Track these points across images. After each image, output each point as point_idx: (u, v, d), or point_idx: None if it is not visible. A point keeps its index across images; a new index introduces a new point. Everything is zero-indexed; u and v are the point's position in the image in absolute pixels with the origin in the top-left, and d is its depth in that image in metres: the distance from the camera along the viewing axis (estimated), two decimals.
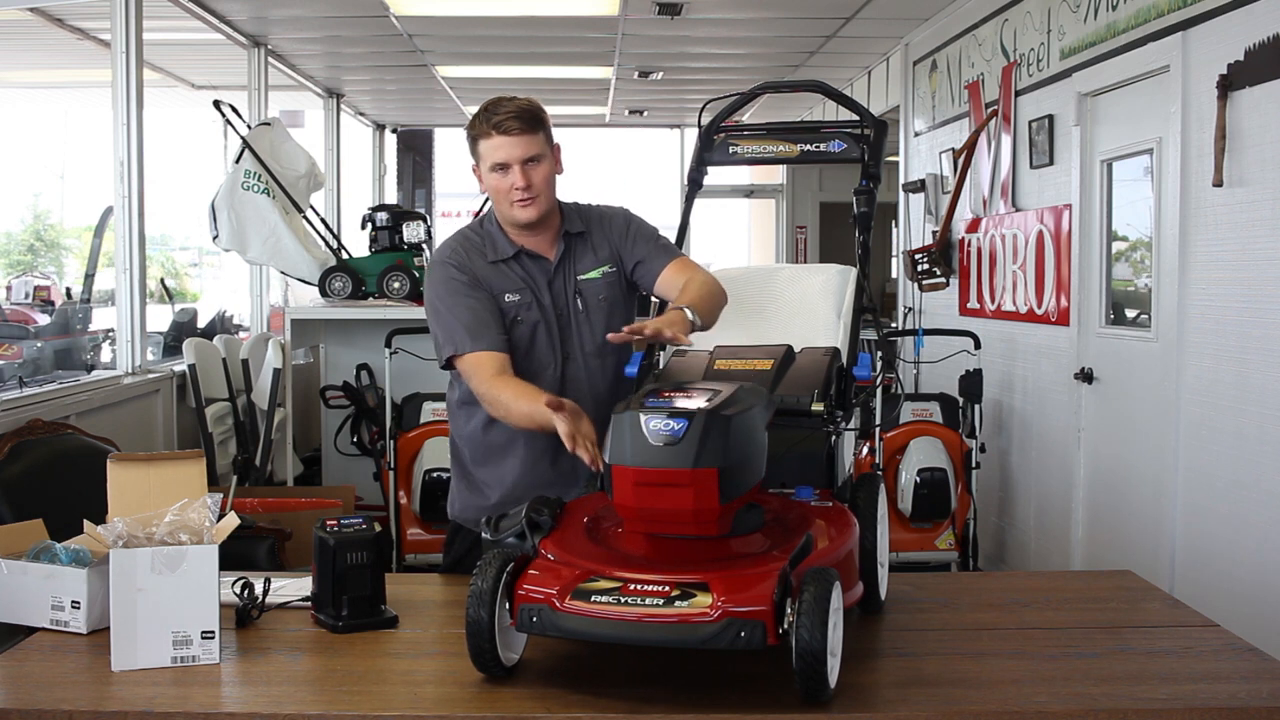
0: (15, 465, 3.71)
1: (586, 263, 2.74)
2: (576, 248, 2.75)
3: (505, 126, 2.60)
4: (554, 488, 2.56)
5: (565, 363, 2.70)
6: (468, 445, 2.82)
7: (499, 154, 2.62)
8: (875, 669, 2.12)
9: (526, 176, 2.62)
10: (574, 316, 2.71)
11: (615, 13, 6.92)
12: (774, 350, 2.44)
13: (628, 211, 2.85)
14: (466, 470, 2.84)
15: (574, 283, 2.73)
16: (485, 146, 2.63)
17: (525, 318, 2.68)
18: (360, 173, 11.31)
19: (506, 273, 2.70)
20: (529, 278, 2.71)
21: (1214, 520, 3.99)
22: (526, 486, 2.68)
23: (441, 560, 2.94)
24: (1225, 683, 2.07)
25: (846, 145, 2.68)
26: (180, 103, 10.10)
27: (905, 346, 7.16)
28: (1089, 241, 4.98)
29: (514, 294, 2.68)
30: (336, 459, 6.39)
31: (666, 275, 2.69)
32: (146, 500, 2.33)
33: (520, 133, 2.61)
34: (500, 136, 2.61)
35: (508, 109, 2.62)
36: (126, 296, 5.31)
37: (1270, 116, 3.64)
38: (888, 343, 6.75)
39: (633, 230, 2.78)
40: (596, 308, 2.73)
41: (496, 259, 2.71)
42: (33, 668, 2.16)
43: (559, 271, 2.73)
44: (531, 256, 2.72)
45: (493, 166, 2.64)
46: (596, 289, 2.74)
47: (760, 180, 13.10)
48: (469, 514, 2.81)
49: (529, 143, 2.62)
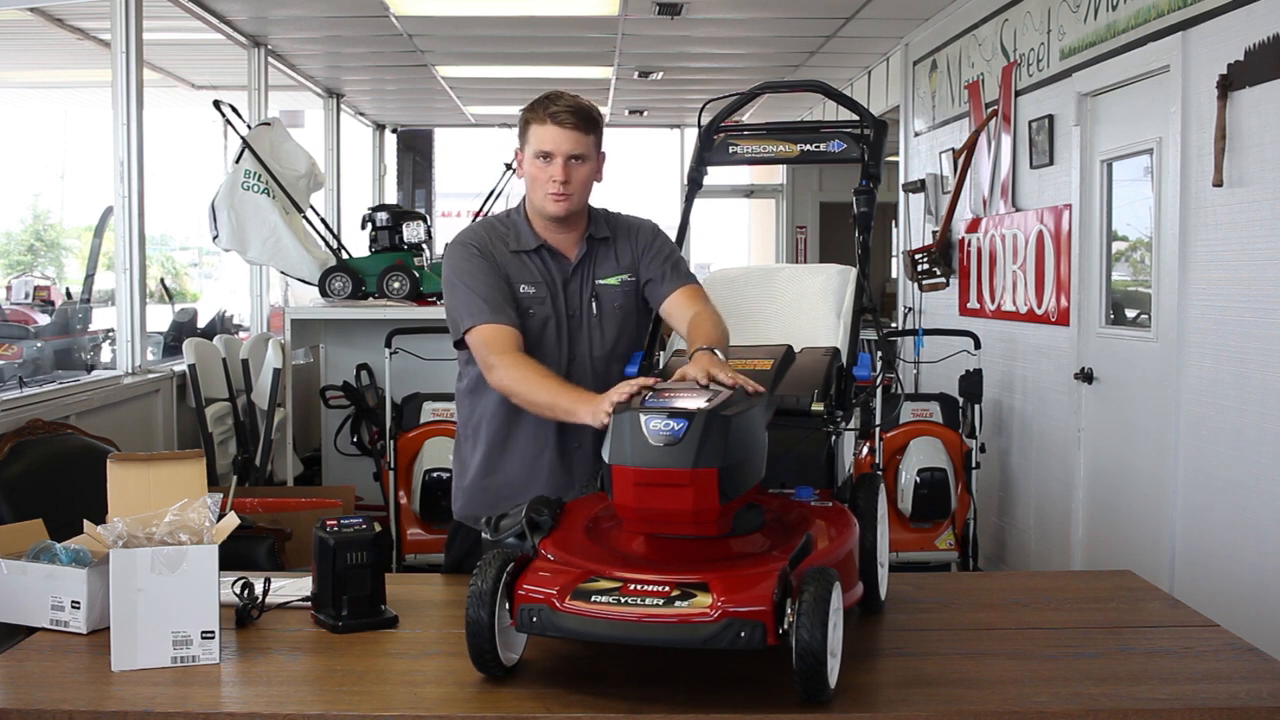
0: (15, 465, 3.71)
1: (607, 268, 2.75)
2: (599, 252, 2.75)
3: (561, 119, 2.62)
4: (557, 476, 2.64)
5: (571, 364, 2.70)
6: (473, 435, 2.79)
7: (546, 143, 2.63)
8: (875, 669, 2.12)
9: (567, 172, 2.63)
10: (586, 319, 2.72)
11: (615, 13, 6.93)
12: (774, 350, 2.44)
13: (655, 226, 2.86)
14: (469, 465, 2.83)
15: (591, 286, 2.73)
16: (536, 132, 2.64)
17: (538, 312, 2.68)
18: (360, 173, 11.31)
19: (526, 264, 2.71)
20: (547, 273, 2.71)
21: (1214, 520, 3.99)
22: (531, 476, 2.69)
23: (443, 560, 2.94)
24: (1225, 683, 2.07)
25: (846, 145, 2.68)
26: (180, 103, 10.10)
27: (905, 346, 7.16)
28: (1089, 241, 4.98)
29: (530, 286, 2.69)
30: (336, 459, 6.39)
31: (676, 300, 2.70)
32: (146, 500, 2.33)
33: (573, 128, 2.63)
34: (554, 126, 2.62)
35: (568, 102, 2.65)
36: (126, 296, 5.32)
37: (1270, 116, 3.64)
38: (888, 343, 6.75)
39: (655, 246, 2.79)
40: (610, 314, 2.73)
41: (519, 249, 2.71)
42: (33, 668, 2.16)
43: (577, 273, 2.73)
44: (552, 253, 2.73)
45: (538, 153, 2.64)
46: (613, 295, 2.74)
47: (760, 180, 13.10)
48: (473, 510, 2.80)
49: (578, 140, 2.63)
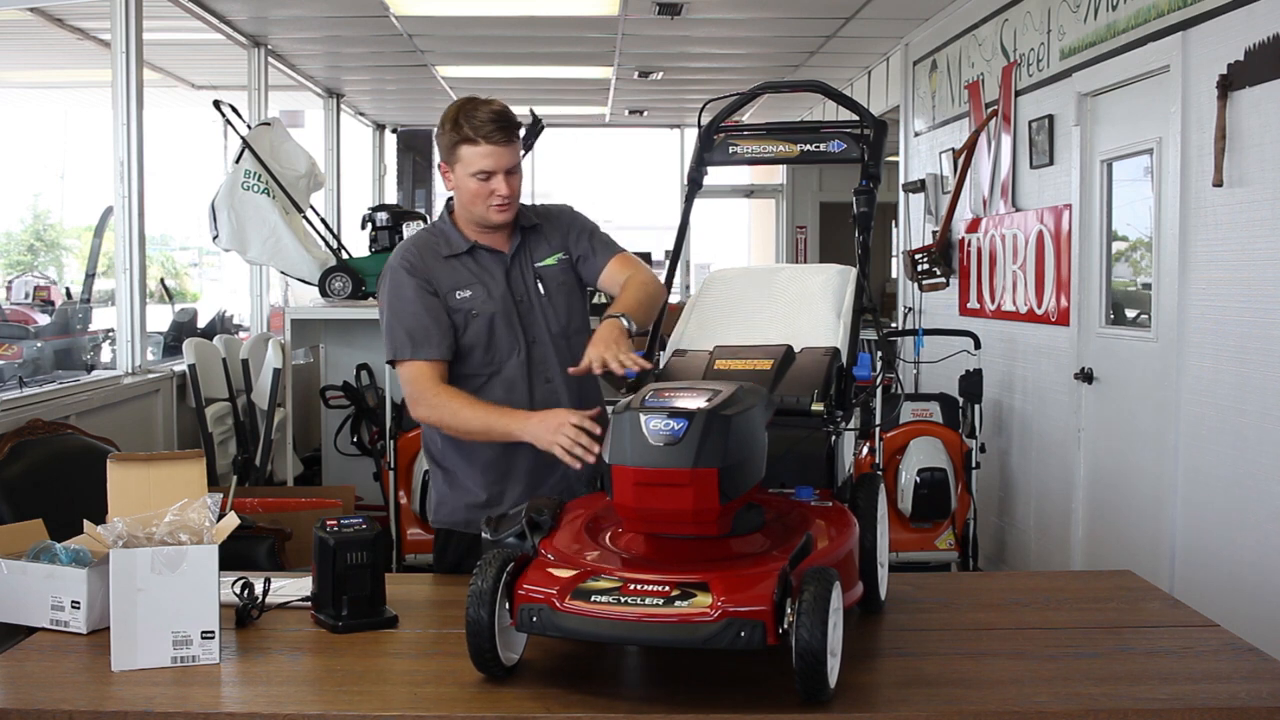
0: (15, 465, 3.71)
1: (542, 252, 2.87)
2: (531, 239, 2.87)
3: (494, 137, 2.68)
4: (535, 473, 2.72)
5: (531, 346, 2.80)
6: (448, 441, 2.83)
7: (485, 162, 2.70)
8: (875, 669, 2.12)
9: (510, 185, 2.73)
10: (537, 301, 2.82)
11: (615, 13, 6.93)
12: (774, 350, 2.44)
13: (570, 208, 2.99)
14: (447, 469, 2.86)
15: (533, 270, 2.84)
16: (469, 153, 2.70)
17: (481, 310, 2.77)
18: (360, 173, 11.31)
19: (459, 268, 2.80)
20: (483, 271, 2.81)
21: (1214, 520, 3.99)
22: (506, 475, 2.76)
23: (435, 568, 2.94)
24: (1225, 683, 2.07)
25: (846, 145, 2.68)
26: (180, 103, 10.11)
27: (905, 346, 7.16)
28: (1089, 241, 4.98)
29: (464, 290, 2.78)
30: (336, 459, 6.39)
31: (609, 271, 2.86)
32: (146, 500, 2.33)
33: (505, 143, 2.70)
34: (487, 145, 2.69)
35: (489, 114, 2.69)
36: (126, 296, 5.32)
37: (1270, 116, 3.64)
38: (888, 343, 6.75)
39: (578, 225, 2.92)
40: (557, 291, 2.85)
41: (451, 254, 2.81)
42: (33, 668, 2.16)
43: (515, 262, 2.84)
44: (486, 250, 2.82)
45: (476, 173, 2.71)
46: (554, 275, 2.86)
47: (760, 180, 13.10)
48: (458, 515, 2.83)
49: (512, 153, 2.73)
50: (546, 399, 2.76)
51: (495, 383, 2.76)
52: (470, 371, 2.77)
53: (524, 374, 2.77)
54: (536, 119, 7.00)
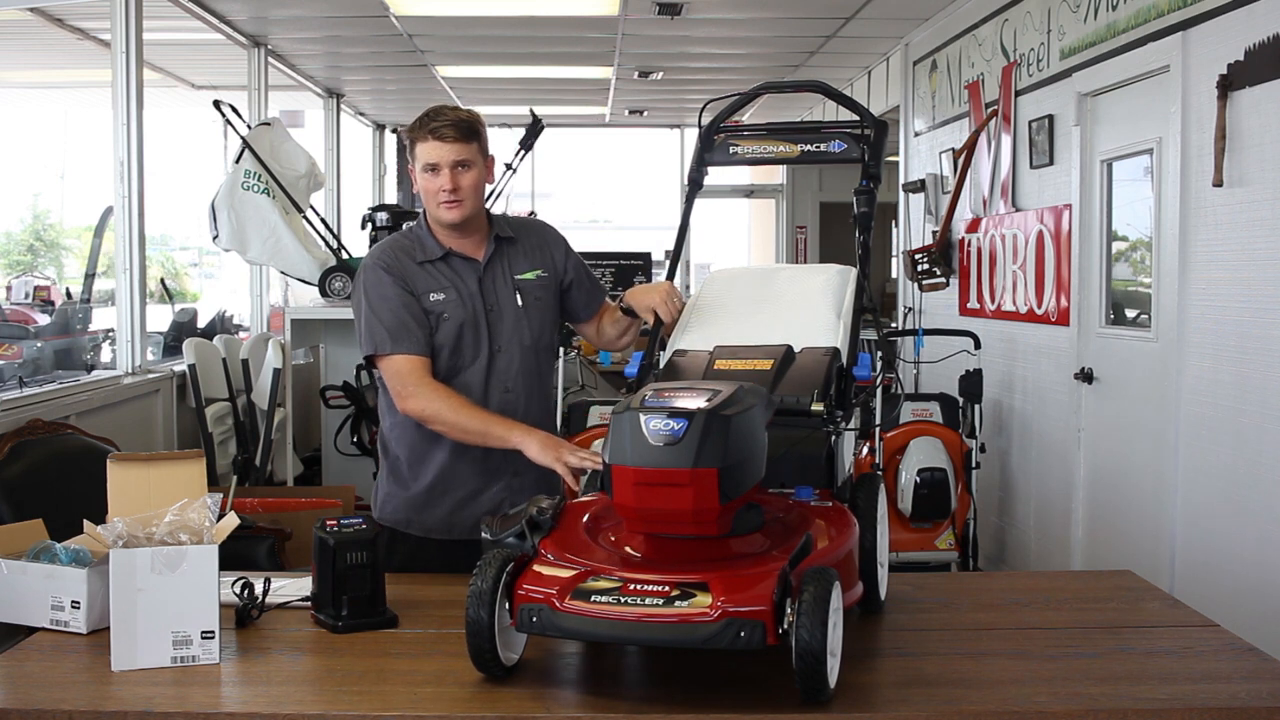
0: (15, 465, 3.71)
1: (520, 265, 2.92)
2: (507, 250, 2.92)
3: (441, 133, 2.77)
4: (480, 477, 2.79)
5: (495, 354, 2.84)
6: (403, 439, 2.87)
7: (431, 156, 2.78)
8: (875, 669, 2.12)
9: (455, 180, 2.78)
10: (510, 312, 2.87)
11: (615, 13, 6.93)
12: (774, 350, 2.44)
13: (551, 227, 3.08)
14: (396, 466, 2.92)
15: (512, 281, 2.89)
16: (420, 149, 2.80)
17: (452, 315, 2.82)
18: (360, 173, 11.31)
19: (433, 273, 2.85)
20: (456, 277, 2.85)
21: (1214, 520, 3.99)
22: (453, 475, 2.82)
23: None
24: (1225, 683, 2.08)
25: (847, 145, 2.68)
26: (180, 103, 10.10)
27: (905, 346, 7.16)
28: (1089, 241, 4.98)
29: (438, 294, 2.83)
30: (336, 459, 6.39)
31: (598, 316, 3.03)
32: (146, 500, 2.33)
33: (454, 140, 2.77)
34: (435, 141, 2.77)
35: (446, 118, 2.79)
36: (126, 296, 5.32)
37: (1270, 116, 3.64)
38: (888, 343, 6.75)
39: (562, 249, 3.00)
40: (533, 305, 2.90)
41: (425, 259, 2.86)
42: (33, 668, 2.16)
43: (489, 270, 2.88)
44: (460, 257, 2.87)
45: (424, 168, 2.79)
46: (533, 289, 2.91)
47: (760, 180, 13.09)
48: (400, 514, 2.90)
49: (460, 149, 2.78)
50: (503, 408, 2.80)
51: (454, 385, 2.79)
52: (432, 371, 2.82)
53: (482, 380, 2.82)
54: (536, 119, 7.00)
